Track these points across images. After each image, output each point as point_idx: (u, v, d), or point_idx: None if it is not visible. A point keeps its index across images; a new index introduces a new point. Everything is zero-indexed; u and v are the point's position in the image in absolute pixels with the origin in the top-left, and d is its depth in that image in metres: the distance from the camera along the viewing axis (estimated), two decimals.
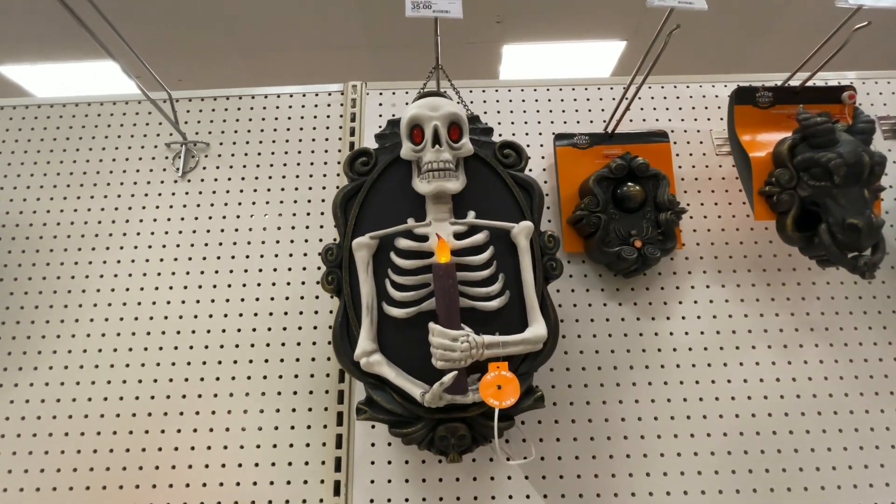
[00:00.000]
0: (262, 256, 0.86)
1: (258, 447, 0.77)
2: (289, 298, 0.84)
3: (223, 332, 0.82)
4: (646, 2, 0.67)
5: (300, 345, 0.81)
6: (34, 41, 2.37)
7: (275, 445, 0.77)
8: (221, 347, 0.81)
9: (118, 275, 0.85)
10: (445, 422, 0.59)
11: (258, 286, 0.84)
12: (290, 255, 0.86)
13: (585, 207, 0.79)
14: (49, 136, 0.93)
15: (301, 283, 0.84)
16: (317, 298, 0.84)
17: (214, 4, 2.24)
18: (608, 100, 0.95)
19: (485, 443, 0.61)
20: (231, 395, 0.79)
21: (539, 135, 0.93)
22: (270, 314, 0.83)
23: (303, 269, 0.85)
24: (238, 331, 0.82)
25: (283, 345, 0.81)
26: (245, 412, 0.78)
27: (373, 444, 0.77)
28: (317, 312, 0.83)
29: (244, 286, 0.84)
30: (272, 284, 0.84)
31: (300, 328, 0.82)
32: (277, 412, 0.78)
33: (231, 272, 0.85)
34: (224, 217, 0.88)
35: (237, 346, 0.81)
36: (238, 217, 0.88)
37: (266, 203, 0.89)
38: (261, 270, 0.85)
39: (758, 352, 0.82)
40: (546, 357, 0.61)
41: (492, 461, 0.75)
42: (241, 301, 0.84)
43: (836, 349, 0.82)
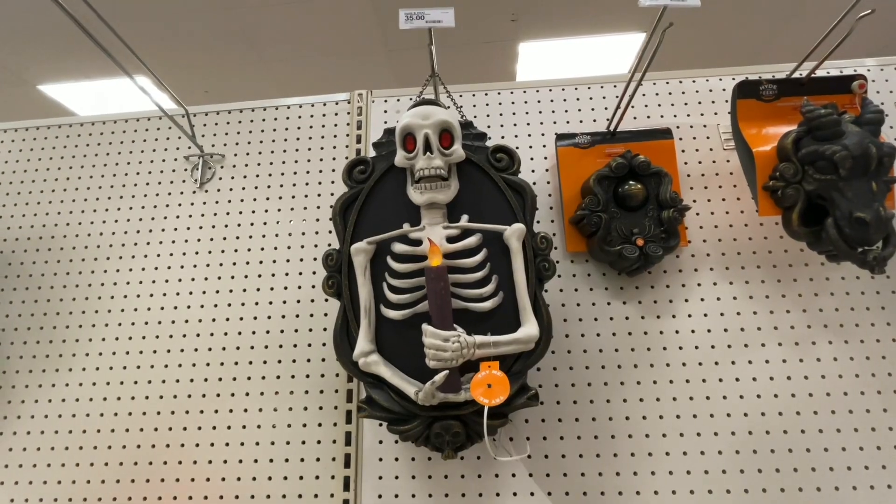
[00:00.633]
0: (275, 262, 0.90)
1: (272, 444, 0.81)
2: (300, 302, 0.87)
3: (239, 335, 0.86)
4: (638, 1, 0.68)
5: (311, 346, 0.85)
6: (72, 61, 2.52)
7: (288, 442, 0.81)
8: (237, 349, 0.86)
9: (143, 281, 0.91)
10: (440, 419, 0.61)
11: (271, 290, 0.88)
12: (301, 260, 0.90)
13: (586, 207, 0.80)
14: (80, 153, 1.00)
15: (311, 287, 0.88)
16: (326, 301, 0.87)
17: (237, 20, 2.32)
18: (612, 98, 0.95)
19: (479, 440, 0.62)
20: (247, 395, 0.83)
21: (542, 135, 0.93)
22: (283, 317, 0.87)
23: (312, 274, 0.89)
24: (252, 333, 0.86)
25: (295, 346, 0.85)
26: (260, 410, 0.83)
27: (380, 442, 0.79)
28: (326, 315, 0.86)
29: (258, 290, 0.89)
30: (284, 288, 0.88)
31: (311, 330, 0.86)
32: (290, 410, 0.82)
33: (246, 277, 0.89)
34: (239, 225, 0.93)
35: (252, 348, 0.86)
36: (252, 224, 0.92)
37: (278, 210, 0.93)
38: (273, 275, 0.89)
39: (768, 349, 0.80)
40: (539, 356, 0.62)
41: (496, 459, 0.76)
42: (256, 304, 0.88)
43: (852, 346, 0.80)
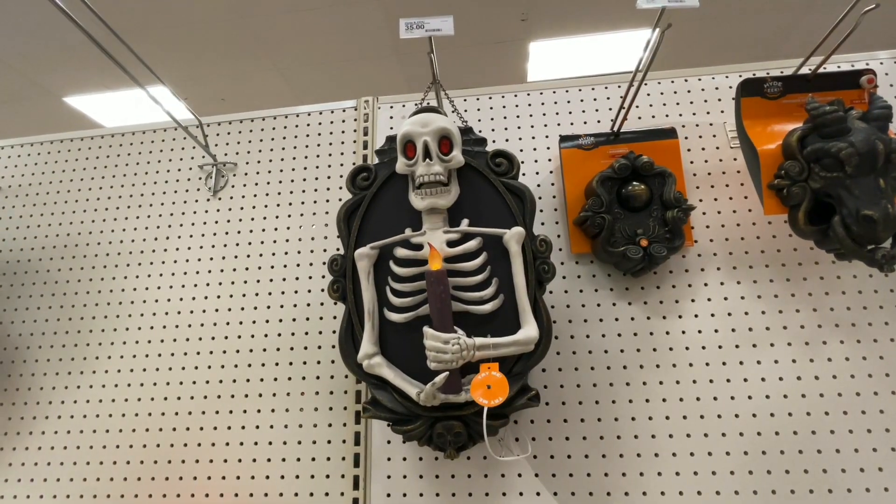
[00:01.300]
0: (286, 266, 0.92)
1: (284, 443, 0.83)
2: (310, 305, 0.90)
3: (252, 337, 0.89)
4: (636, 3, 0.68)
5: (321, 348, 0.87)
6: (96, 73, 2.61)
7: (299, 442, 0.83)
8: (251, 351, 0.89)
9: (161, 287, 0.94)
10: (442, 420, 0.62)
11: (282, 294, 0.91)
12: (311, 265, 0.92)
13: (590, 208, 0.80)
14: (101, 165, 1.04)
15: (321, 291, 0.90)
16: (335, 304, 0.89)
17: (251, 28, 2.38)
18: (616, 98, 0.95)
19: (481, 440, 0.63)
20: (260, 396, 0.86)
21: (546, 137, 0.94)
22: (294, 320, 0.89)
23: (322, 277, 0.91)
24: (265, 335, 0.89)
25: (306, 348, 0.88)
26: (272, 411, 0.85)
27: (389, 442, 0.81)
28: (335, 318, 0.88)
29: (270, 294, 0.91)
30: (295, 292, 0.91)
31: (321, 332, 0.88)
32: (301, 411, 0.85)
33: (258, 281, 0.92)
34: (251, 231, 0.95)
35: (264, 350, 0.88)
36: (264, 230, 0.95)
37: (288, 216, 0.95)
38: (285, 279, 0.92)
39: (777, 349, 0.79)
40: (539, 358, 0.63)
41: (498, 458, 0.77)
42: (268, 308, 0.91)
43: (864, 345, 0.78)
